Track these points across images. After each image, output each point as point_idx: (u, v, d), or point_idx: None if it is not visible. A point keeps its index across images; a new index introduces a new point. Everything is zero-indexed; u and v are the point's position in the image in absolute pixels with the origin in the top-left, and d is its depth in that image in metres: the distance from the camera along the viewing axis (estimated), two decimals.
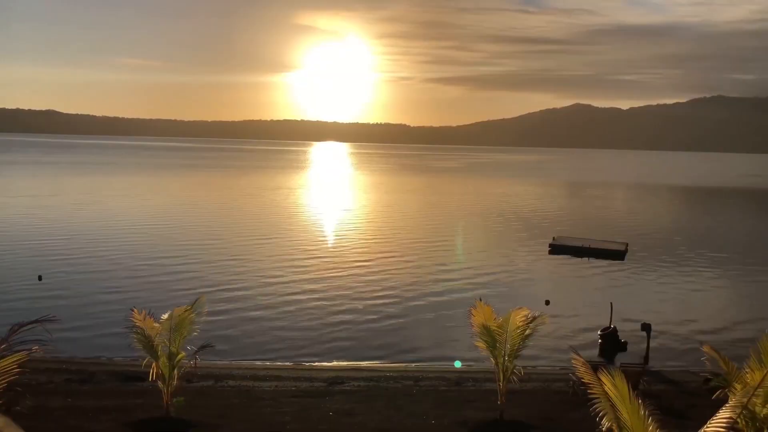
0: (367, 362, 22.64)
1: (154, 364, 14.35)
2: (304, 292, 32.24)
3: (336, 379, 19.76)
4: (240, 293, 31.41)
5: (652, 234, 58.65)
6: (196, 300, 15.19)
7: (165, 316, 14.62)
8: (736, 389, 9.37)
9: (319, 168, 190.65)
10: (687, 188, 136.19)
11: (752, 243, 55.81)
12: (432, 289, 33.92)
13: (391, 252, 44.87)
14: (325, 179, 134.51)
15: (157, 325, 14.40)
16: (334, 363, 22.55)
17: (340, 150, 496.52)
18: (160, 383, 14.49)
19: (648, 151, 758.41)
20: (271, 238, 49.03)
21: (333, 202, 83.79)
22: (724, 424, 6.26)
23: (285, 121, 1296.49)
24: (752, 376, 9.27)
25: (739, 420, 9.08)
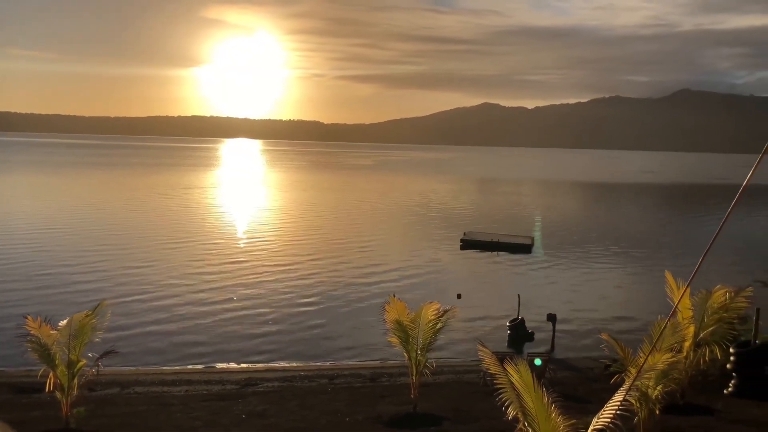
0: (281, 363, 22.36)
1: (51, 374, 13.52)
2: (215, 294, 31.40)
3: (249, 380, 19.38)
4: (148, 298, 30.17)
5: (557, 228, 61.27)
6: (98, 305, 14.45)
7: (63, 322, 13.81)
8: (631, 373, 9.91)
9: (231, 166, 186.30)
10: (588, 184, 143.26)
11: (647, 235, 59.45)
12: (347, 286, 33.93)
13: (305, 251, 44.53)
14: (238, 177, 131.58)
15: (54, 332, 13.57)
16: (247, 365, 22.11)
17: (252, 147, 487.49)
18: (58, 393, 13.68)
19: (551, 149, 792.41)
20: (181, 240, 47.40)
21: (247, 201, 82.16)
22: (619, 406, 6.61)
23: (194, 117, 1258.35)
24: (645, 360, 9.85)
25: (633, 401, 9.66)
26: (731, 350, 16.36)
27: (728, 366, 16.83)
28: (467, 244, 47.86)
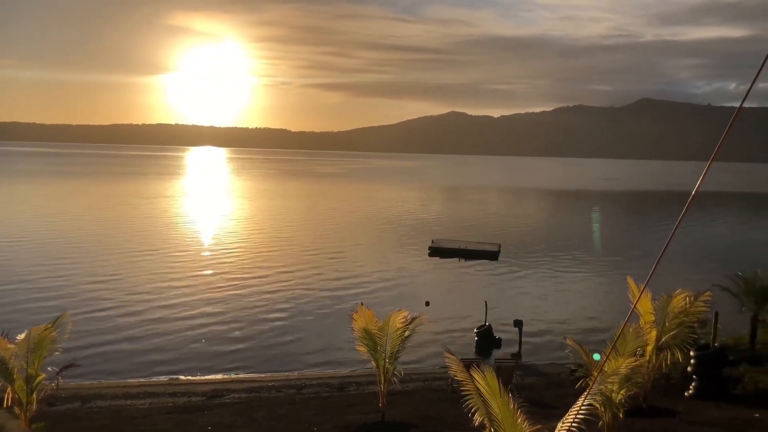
0: (247, 374, 22.10)
1: (9, 389, 13.14)
2: (181, 305, 30.90)
3: (215, 392, 19.12)
4: (111, 310, 29.53)
5: (523, 235, 61.97)
6: (58, 318, 14.10)
7: (21, 336, 13.44)
8: (596, 377, 10.05)
9: (197, 174, 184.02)
10: (553, 191, 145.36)
11: (611, 241, 60.50)
12: (314, 295, 33.76)
13: (272, 260, 44.20)
14: (204, 186, 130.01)
15: (12, 346, 13.19)
16: (213, 376, 21.80)
17: (218, 155, 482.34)
18: (17, 409, 13.29)
19: (517, 157, 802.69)
20: (145, 251, 46.53)
21: (213, 210, 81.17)
22: (584, 410, 6.71)
23: (159, 125, 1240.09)
24: (609, 365, 10.02)
25: (597, 405, 9.81)
26: (691, 353, 16.74)
27: (689, 369, 17.22)
28: (435, 251, 48.09)
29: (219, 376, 21.69)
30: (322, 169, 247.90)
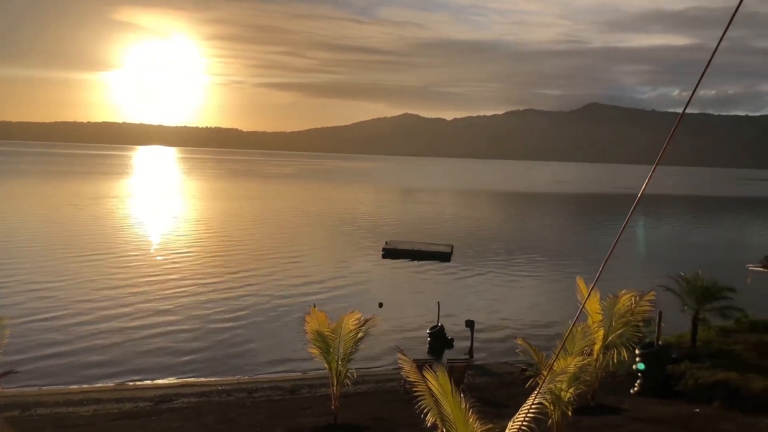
0: (197, 378, 21.66)
1: None
2: (128, 310, 30.06)
3: (163, 397, 18.65)
4: (53, 314, 28.49)
5: (475, 236, 62.71)
6: None
7: None
8: (545, 376, 10.20)
9: (146, 174, 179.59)
10: (504, 193, 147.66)
11: (560, 243, 61.84)
12: (266, 298, 33.36)
13: (223, 263, 43.51)
14: (154, 186, 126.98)
15: None
16: (162, 381, 21.27)
17: (167, 155, 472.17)
18: None
19: (469, 159, 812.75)
20: (91, 254, 45.11)
21: (162, 211, 79.35)
22: (534, 409, 6.79)
23: (105, 123, 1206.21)
24: (558, 364, 10.20)
25: (547, 403, 9.97)
26: (637, 351, 17.22)
27: (634, 367, 17.71)
28: (389, 253, 48.20)
29: (167, 381, 21.18)
30: (275, 169, 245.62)
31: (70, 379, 21.13)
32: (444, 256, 47.55)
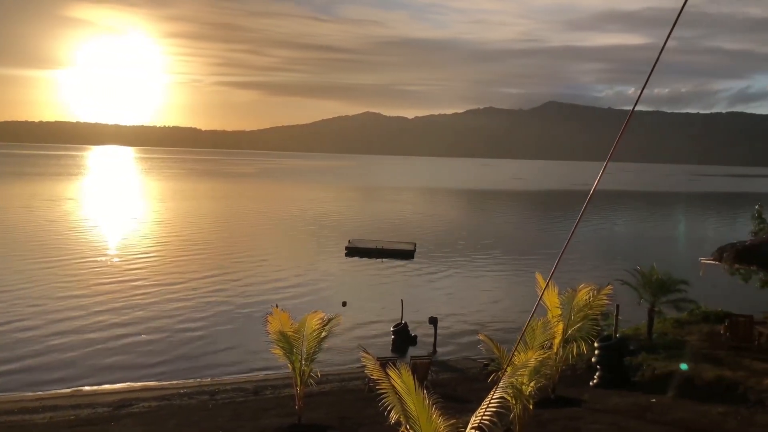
0: (158, 381, 21.28)
1: None
2: (86, 314, 29.33)
3: (123, 402, 18.28)
4: (5, 320, 27.63)
5: (438, 234, 63.12)
6: None
7: None
8: (507, 371, 10.35)
9: (103, 174, 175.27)
10: (465, 191, 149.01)
11: (521, 239, 62.73)
12: (229, 299, 32.99)
13: (185, 264, 42.85)
14: (110, 187, 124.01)
15: None
16: (121, 385, 20.82)
17: (124, 155, 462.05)
18: None
19: (430, 157, 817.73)
20: (47, 257, 43.87)
21: (120, 212, 77.59)
22: (496, 403, 6.89)
23: (57, 122, 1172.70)
24: (519, 358, 10.36)
25: (509, 397, 10.12)
26: (595, 344, 17.61)
27: (593, 359, 18.10)
28: (352, 251, 48.17)
29: (127, 385, 20.75)
30: (235, 169, 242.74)
31: (25, 386, 20.52)
32: (407, 254, 47.76)
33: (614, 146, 5.06)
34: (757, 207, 28.10)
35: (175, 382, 21.19)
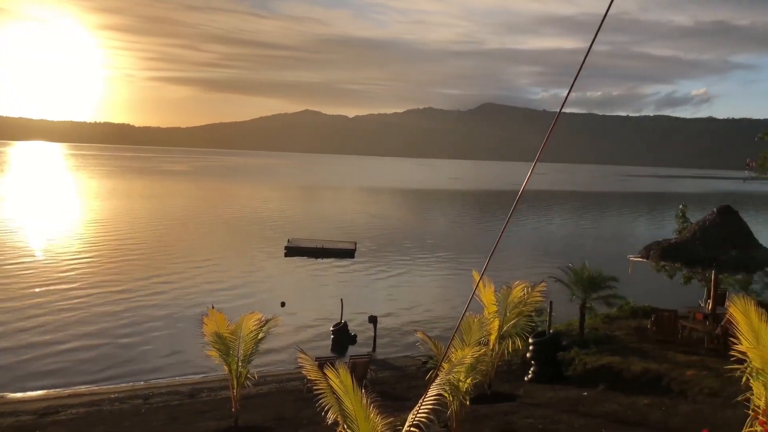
0: (87, 386, 20.49)
1: None
2: (10, 317, 27.94)
3: (48, 408, 17.49)
4: None
5: (378, 232, 63.31)
6: None
7: None
8: (444, 368, 10.47)
9: (29, 171, 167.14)
10: (404, 190, 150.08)
11: (458, 237, 63.70)
12: (163, 300, 32.09)
13: (117, 266, 41.42)
14: (38, 184, 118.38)
15: None
16: (47, 391, 19.93)
17: (52, 151, 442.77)
18: None
19: (370, 157, 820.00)
20: None
21: (48, 211, 74.20)
22: (433, 400, 6.95)
23: None
24: (455, 355, 10.50)
25: (446, 394, 10.24)
26: (530, 340, 18.05)
27: (528, 355, 18.55)
28: (291, 251, 47.72)
29: (53, 391, 19.87)
30: (170, 166, 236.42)
31: None
32: (347, 253, 47.69)
33: (542, 147, 5.19)
34: (681, 207, 29.48)
35: (105, 386, 20.47)
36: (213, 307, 15.56)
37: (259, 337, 13.99)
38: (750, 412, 8.02)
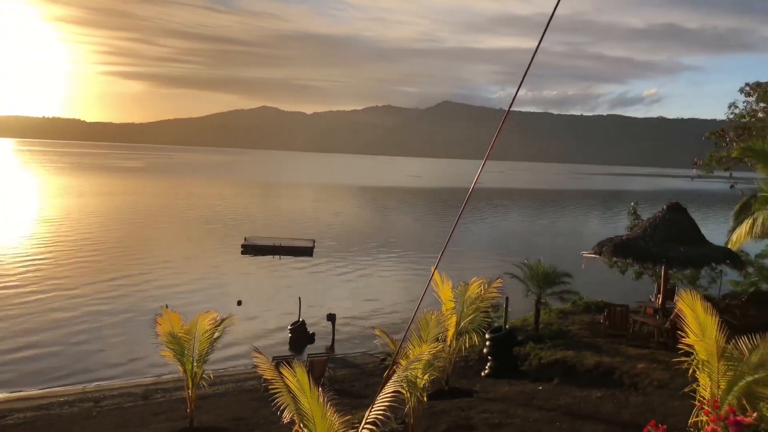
0: (35, 390, 19.84)
1: None
2: None
3: None
4: None
5: (336, 230, 63.12)
6: None
7: None
8: (401, 364, 10.50)
9: None
10: (363, 188, 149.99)
11: (416, 234, 64.00)
12: (116, 300, 31.32)
13: (68, 265, 40.22)
14: None
15: None
16: None
17: None
18: None
19: (329, 154, 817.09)
20: None
21: None
22: (390, 397, 6.96)
23: None
24: (413, 351, 10.54)
25: (403, 391, 10.28)
26: (486, 336, 18.26)
27: (484, 350, 18.77)
28: (248, 249, 47.16)
29: (1, 396, 19.19)
30: (123, 163, 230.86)
31: None
32: (306, 251, 47.39)
33: (492, 145, 5.23)
34: (632, 204, 30.29)
35: (54, 389, 19.87)
36: (167, 307, 15.25)
37: (214, 337, 13.81)
38: (696, 402, 8.29)
